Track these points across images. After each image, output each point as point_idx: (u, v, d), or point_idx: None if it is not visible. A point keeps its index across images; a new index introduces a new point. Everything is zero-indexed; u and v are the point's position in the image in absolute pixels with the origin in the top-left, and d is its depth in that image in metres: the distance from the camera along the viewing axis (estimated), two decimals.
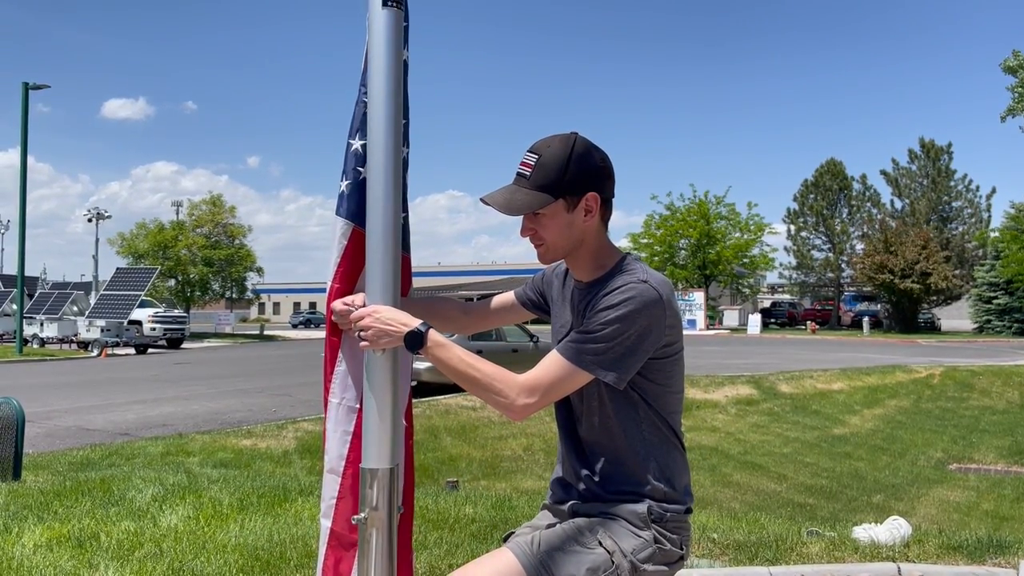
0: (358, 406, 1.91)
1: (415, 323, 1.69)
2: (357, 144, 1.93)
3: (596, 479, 1.81)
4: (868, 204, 54.24)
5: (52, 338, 29.93)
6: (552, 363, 1.70)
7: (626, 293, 1.66)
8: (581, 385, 1.71)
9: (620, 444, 1.78)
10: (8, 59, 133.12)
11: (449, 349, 1.71)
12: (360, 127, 1.92)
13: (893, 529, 4.66)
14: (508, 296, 2.14)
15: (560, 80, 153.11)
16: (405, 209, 1.94)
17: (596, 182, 1.74)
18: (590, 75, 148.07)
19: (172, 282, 45.13)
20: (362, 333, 1.71)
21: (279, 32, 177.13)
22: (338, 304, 1.84)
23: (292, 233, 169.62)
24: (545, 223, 1.76)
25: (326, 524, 1.94)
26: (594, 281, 1.79)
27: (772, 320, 54.34)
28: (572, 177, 1.71)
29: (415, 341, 1.68)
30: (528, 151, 1.76)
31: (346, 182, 1.94)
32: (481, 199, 1.75)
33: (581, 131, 1.79)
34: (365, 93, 1.86)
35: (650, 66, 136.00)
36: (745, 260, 51.08)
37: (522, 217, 1.78)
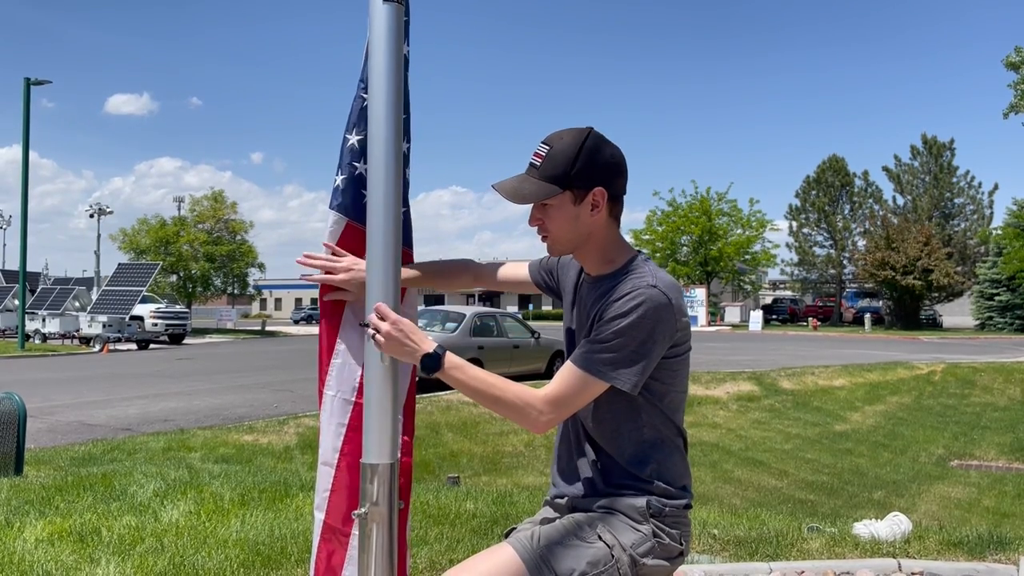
0: (354, 399, 1.92)
1: (432, 345, 1.72)
2: (353, 139, 1.93)
3: (595, 475, 1.82)
4: (870, 200, 54.19)
5: (54, 334, 29.93)
6: (568, 375, 1.71)
7: (636, 299, 1.66)
8: (599, 393, 1.71)
9: (619, 443, 1.79)
10: (12, 55, 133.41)
11: (466, 370, 1.73)
12: (357, 122, 1.92)
13: (893, 525, 4.67)
14: (521, 269, 2.14)
15: (562, 76, 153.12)
16: (406, 204, 1.94)
17: (604, 177, 1.74)
18: (592, 71, 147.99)
19: (174, 278, 45.13)
20: (378, 337, 1.72)
21: (283, 28, 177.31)
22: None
23: (295, 229, 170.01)
24: (552, 214, 1.76)
25: (319, 517, 1.94)
26: (602, 276, 1.79)
27: (774, 317, 54.30)
28: (580, 170, 1.71)
29: (431, 364, 1.71)
30: (541, 142, 1.76)
31: (341, 176, 1.95)
32: (492, 185, 1.77)
33: (582, 126, 1.80)
34: (364, 88, 1.87)
35: (651, 62, 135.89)
36: (747, 257, 51.09)
37: (531, 206, 1.79)
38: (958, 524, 5.89)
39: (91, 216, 42.63)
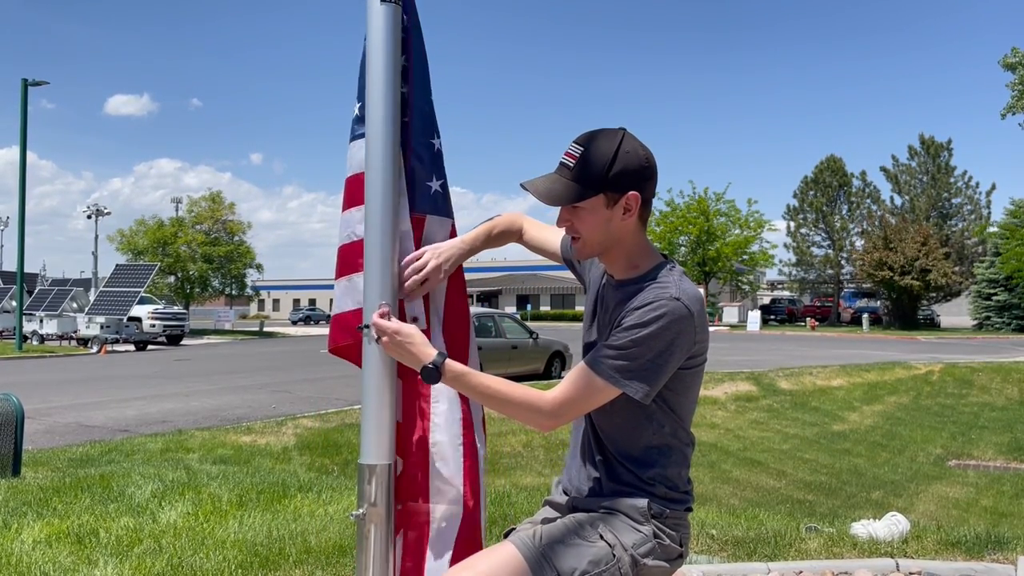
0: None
1: (432, 355, 1.73)
2: (438, 144, 1.98)
3: (598, 477, 1.82)
4: (868, 201, 54.23)
5: (52, 335, 29.89)
6: (580, 377, 1.71)
7: (657, 311, 1.64)
8: (610, 399, 1.71)
9: (628, 445, 1.79)
10: (12, 55, 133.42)
11: (469, 378, 1.74)
12: (436, 126, 1.98)
13: (891, 525, 4.67)
14: (555, 239, 2.10)
15: (560, 74, 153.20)
16: (443, 176, 1.99)
17: (638, 182, 1.70)
18: (590, 70, 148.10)
19: (172, 279, 45.09)
20: (383, 342, 1.75)
21: (284, 30, 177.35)
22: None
23: (294, 229, 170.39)
24: (583, 217, 1.73)
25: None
26: (626, 280, 1.77)
27: (772, 317, 54.33)
28: (616, 174, 1.67)
29: (431, 375, 1.72)
30: (574, 142, 1.72)
31: (438, 182, 1.97)
32: (521, 184, 1.74)
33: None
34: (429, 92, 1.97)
35: (649, 60, 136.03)
36: (745, 257, 51.06)
37: (560, 207, 1.76)
38: (956, 524, 5.89)
39: (89, 217, 42.66)
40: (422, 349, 1.73)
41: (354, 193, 1.92)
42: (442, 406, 1.90)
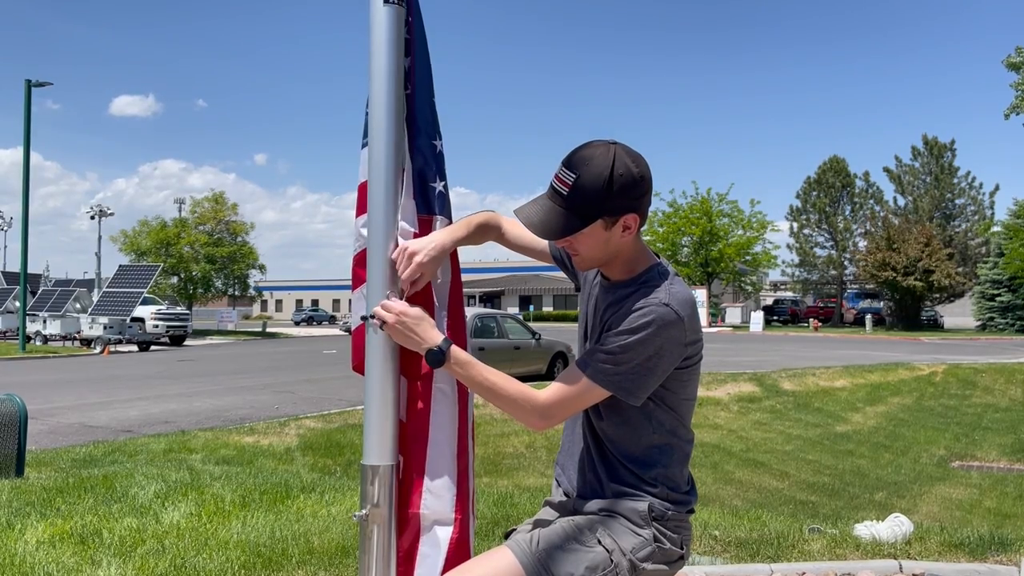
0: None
1: (438, 339, 1.73)
2: (440, 145, 1.97)
3: (598, 477, 1.81)
4: (871, 201, 54.24)
5: (55, 335, 29.94)
6: (571, 378, 1.72)
7: (646, 316, 1.65)
8: (600, 399, 1.72)
9: (627, 445, 1.78)
10: (17, 56, 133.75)
11: (471, 367, 1.74)
12: (437, 128, 1.97)
13: (895, 526, 4.66)
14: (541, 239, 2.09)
15: (563, 73, 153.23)
16: (444, 178, 1.98)
17: (635, 203, 1.70)
18: (592, 69, 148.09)
19: (175, 279, 45.15)
20: (386, 327, 1.75)
21: (288, 31, 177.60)
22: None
23: (297, 230, 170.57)
24: (582, 239, 1.72)
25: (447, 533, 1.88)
26: (619, 283, 1.78)
27: (775, 317, 54.30)
28: (612, 199, 1.66)
29: (435, 358, 1.72)
30: (564, 166, 1.68)
31: (442, 183, 1.97)
32: (515, 211, 1.73)
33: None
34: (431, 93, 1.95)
35: (651, 60, 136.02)
36: (748, 257, 51.04)
37: None
38: (959, 525, 5.87)
39: (92, 218, 42.69)
40: (429, 332, 1.74)
41: (363, 200, 1.92)
42: (441, 406, 1.89)
